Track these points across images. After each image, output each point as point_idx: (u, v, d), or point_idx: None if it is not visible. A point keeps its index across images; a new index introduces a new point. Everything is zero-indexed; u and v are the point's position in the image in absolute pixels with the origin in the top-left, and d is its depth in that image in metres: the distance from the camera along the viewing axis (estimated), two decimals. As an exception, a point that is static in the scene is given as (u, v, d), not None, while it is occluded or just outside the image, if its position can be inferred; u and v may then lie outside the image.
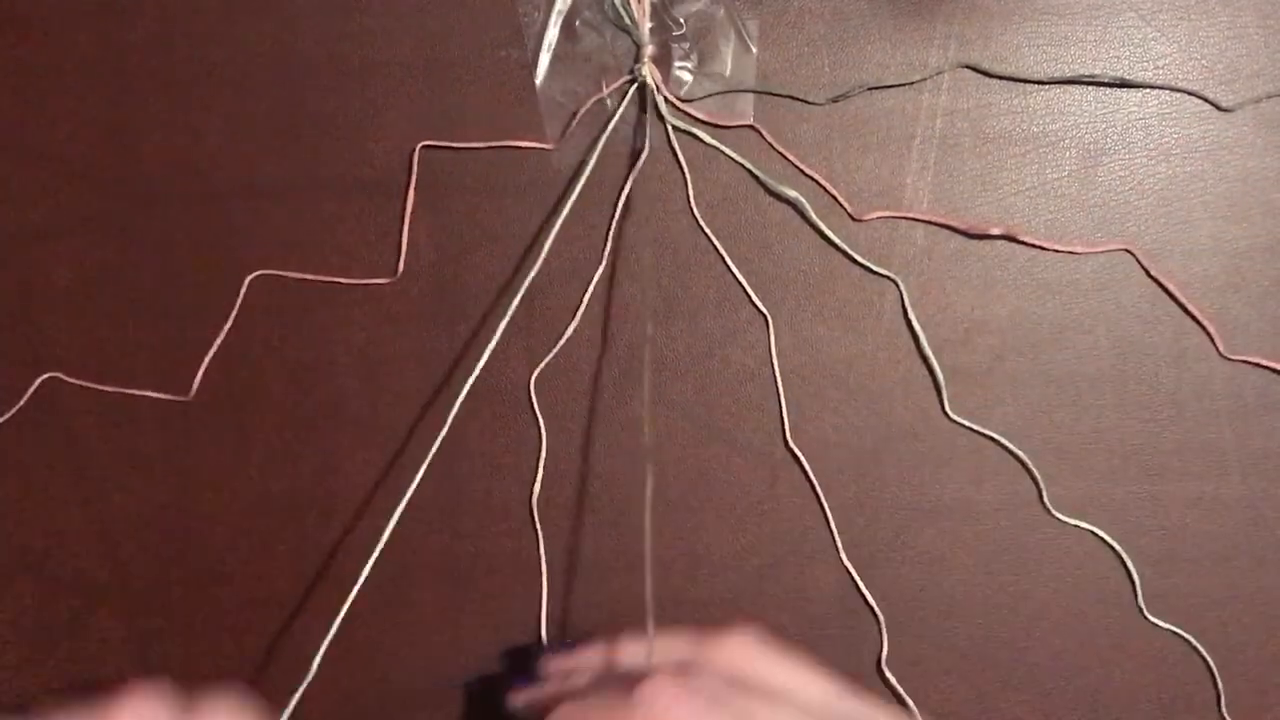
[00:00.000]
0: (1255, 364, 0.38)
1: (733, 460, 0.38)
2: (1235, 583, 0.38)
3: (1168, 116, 0.38)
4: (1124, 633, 0.38)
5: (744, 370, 0.38)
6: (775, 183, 0.38)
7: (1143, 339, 0.38)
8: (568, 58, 0.38)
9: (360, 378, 0.38)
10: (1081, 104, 0.38)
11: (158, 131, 0.39)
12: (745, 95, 0.38)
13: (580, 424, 0.38)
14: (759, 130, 0.38)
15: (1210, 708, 0.37)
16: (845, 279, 0.38)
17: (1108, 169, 0.38)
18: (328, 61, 0.39)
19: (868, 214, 0.38)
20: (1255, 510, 0.38)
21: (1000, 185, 0.38)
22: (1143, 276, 0.38)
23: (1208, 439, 0.38)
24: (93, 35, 0.39)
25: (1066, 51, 0.38)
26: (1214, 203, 0.38)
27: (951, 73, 0.38)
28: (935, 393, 0.38)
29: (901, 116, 0.38)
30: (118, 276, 0.39)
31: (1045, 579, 0.38)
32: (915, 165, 0.38)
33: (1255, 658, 0.37)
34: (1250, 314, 0.38)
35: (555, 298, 0.38)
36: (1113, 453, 0.38)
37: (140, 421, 0.38)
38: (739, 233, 0.38)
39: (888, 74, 0.38)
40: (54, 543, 0.38)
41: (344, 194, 0.39)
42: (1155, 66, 0.38)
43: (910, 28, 0.38)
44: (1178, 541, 0.38)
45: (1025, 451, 0.38)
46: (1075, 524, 0.38)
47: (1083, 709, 0.38)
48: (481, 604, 0.38)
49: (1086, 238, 0.38)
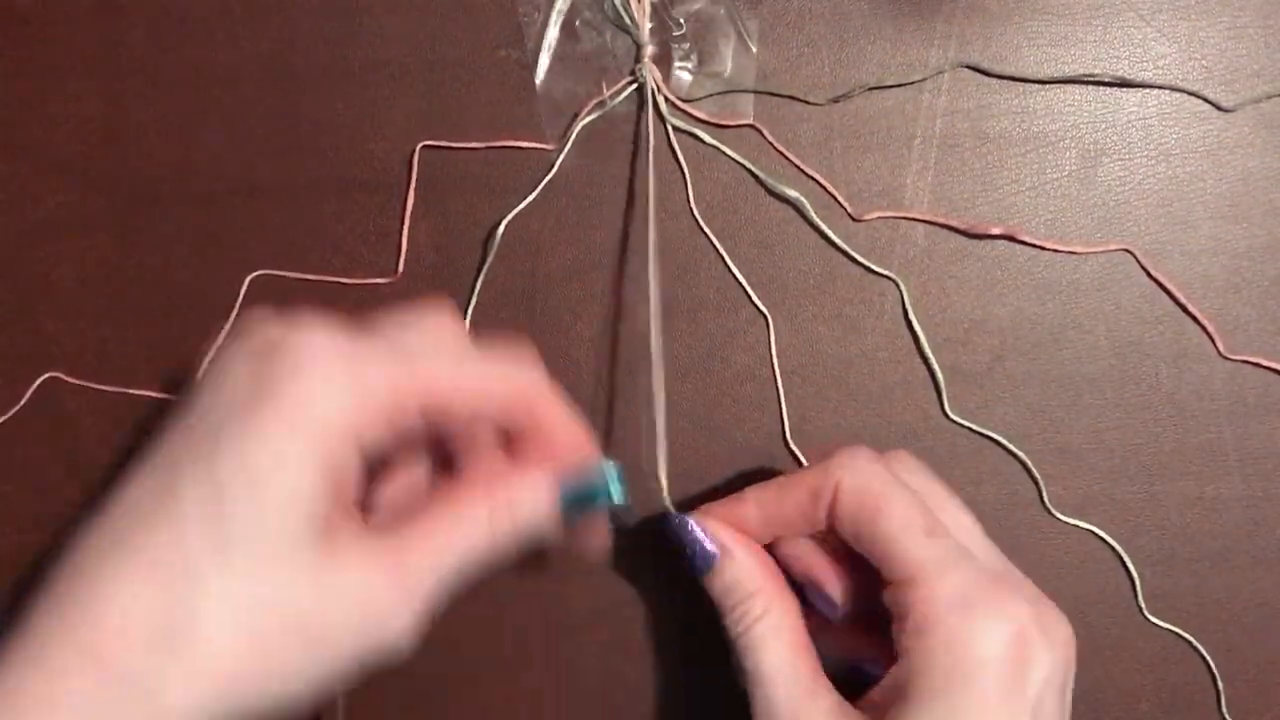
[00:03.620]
0: (1255, 364, 0.38)
1: (733, 460, 0.38)
2: (1235, 583, 0.38)
3: (1168, 116, 0.38)
4: (1124, 633, 0.38)
5: (744, 370, 0.38)
6: (775, 182, 0.38)
7: (1143, 339, 0.38)
8: (568, 58, 0.38)
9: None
10: (1081, 104, 0.38)
11: (157, 131, 0.39)
12: (745, 95, 0.38)
13: (580, 424, 0.38)
14: (759, 130, 0.38)
15: (1210, 708, 0.37)
16: (845, 279, 0.38)
17: (1108, 169, 0.38)
18: (328, 61, 0.39)
19: (868, 214, 0.38)
20: (1255, 510, 0.38)
21: (1000, 185, 0.38)
22: (1143, 276, 0.38)
23: (1208, 439, 0.38)
24: (93, 35, 0.39)
25: (1066, 51, 0.38)
26: (1214, 203, 0.38)
27: (951, 73, 0.38)
28: (935, 393, 0.38)
29: (901, 116, 0.38)
30: (118, 276, 0.38)
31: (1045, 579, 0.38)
32: (915, 165, 0.38)
33: (1255, 658, 0.37)
34: (1250, 314, 0.38)
35: (555, 298, 0.38)
36: (1113, 453, 0.38)
37: (140, 422, 0.38)
38: (739, 233, 0.38)
39: (888, 74, 0.38)
40: (54, 543, 0.38)
41: (344, 194, 0.39)
42: (1155, 66, 0.38)
43: (910, 28, 0.38)
44: (1178, 541, 0.38)
45: (1025, 451, 0.38)
46: (1075, 524, 0.38)
47: (1083, 709, 0.38)
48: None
49: (1086, 238, 0.38)
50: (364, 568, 0.27)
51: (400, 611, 0.27)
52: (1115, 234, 0.38)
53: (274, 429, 0.26)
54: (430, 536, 0.28)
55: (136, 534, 0.26)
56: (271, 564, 0.26)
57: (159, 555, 0.26)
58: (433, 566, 0.28)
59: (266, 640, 0.26)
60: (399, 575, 0.27)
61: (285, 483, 0.26)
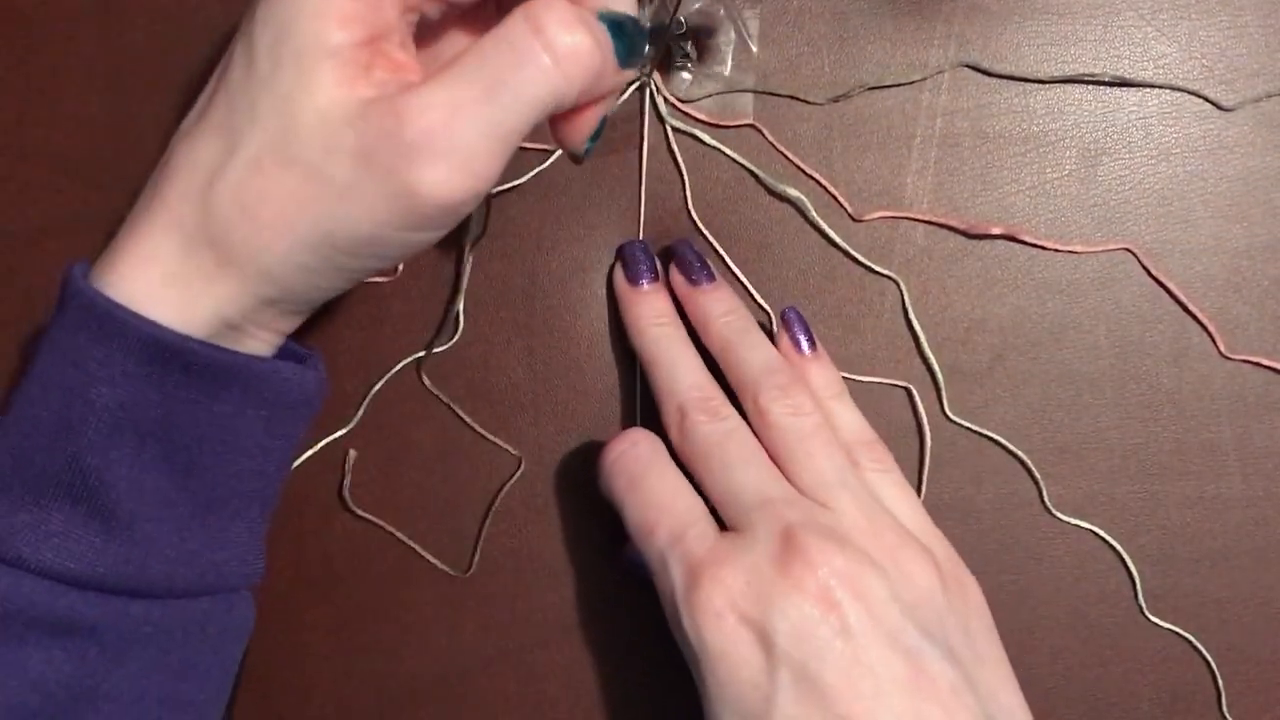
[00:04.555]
0: (1255, 364, 0.38)
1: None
2: (1235, 583, 0.38)
3: (1168, 116, 0.38)
4: (1124, 633, 0.38)
5: (744, 370, 0.38)
6: (776, 182, 0.38)
7: (1143, 339, 0.38)
8: (567, 58, 0.38)
9: (359, 378, 0.38)
10: (1081, 103, 0.38)
11: (158, 132, 0.39)
12: (745, 95, 0.38)
13: (579, 424, 0.38)
14: (760, 130, 0.38)
15: (1210, 708, 0.37)
16: (845, 279, 0.38)
17: (1108, 168, 0.38)
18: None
19: (868, 214, 0.38)
20: (1255, 510, 0.38)
21: (1000, 185, 0.38)
22: (1143, 276, 0.38)
23: (1208, 439, 0.38)
24: (93, 35, 0.39)
25: (1066, 51, 0.38)
26: (1214, 202, 0.38)
27: (951, 72, 0.38)
28: (935, 393, 0.38)
29: (901, 116, 0.38)
30: (118, 276, 0.39)
31: (1045, 579, 0.38)
32: (915, 165, 0.38)
33: (1255, 658, 0.37)
34: (1250, 314, 0.38)
35: (555, 298, 0.38)
36: (1113, 453, 0.38)
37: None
38: (739, 233, 0.38)
39: (888, 74, 0.38)
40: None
41: (344, 194, 0.39)
42: (1155, 66, 0.38)
43: (910, 28, 0.38)
44: (1178, 541, 0.38)
45: (1025, 451, 0.38)
46: (1075, 524, 0.38)
47: (1083, 709, 0.38)
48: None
49: (1087, 237, 0.38)
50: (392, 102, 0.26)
51: (440, 151, 0.26)
52: (1115, 233, 0.38)
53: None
54: (470, 69, 0.26)
55: (200, 117, 0.29)
56: (303, 100, 0.26)
57: (216, 120, 0.28)
58: (477, 98, 0.26)
59: (315, 165, 0.27)
60: (440, 113, 0.26)
61: (306, 30, 0.26)
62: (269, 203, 0.27)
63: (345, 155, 0.26)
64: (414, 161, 0.26)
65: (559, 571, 0.38)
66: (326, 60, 0.26)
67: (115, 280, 0.28)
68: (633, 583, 0.37)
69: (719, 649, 0.29)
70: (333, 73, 0.26)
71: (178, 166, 0.28)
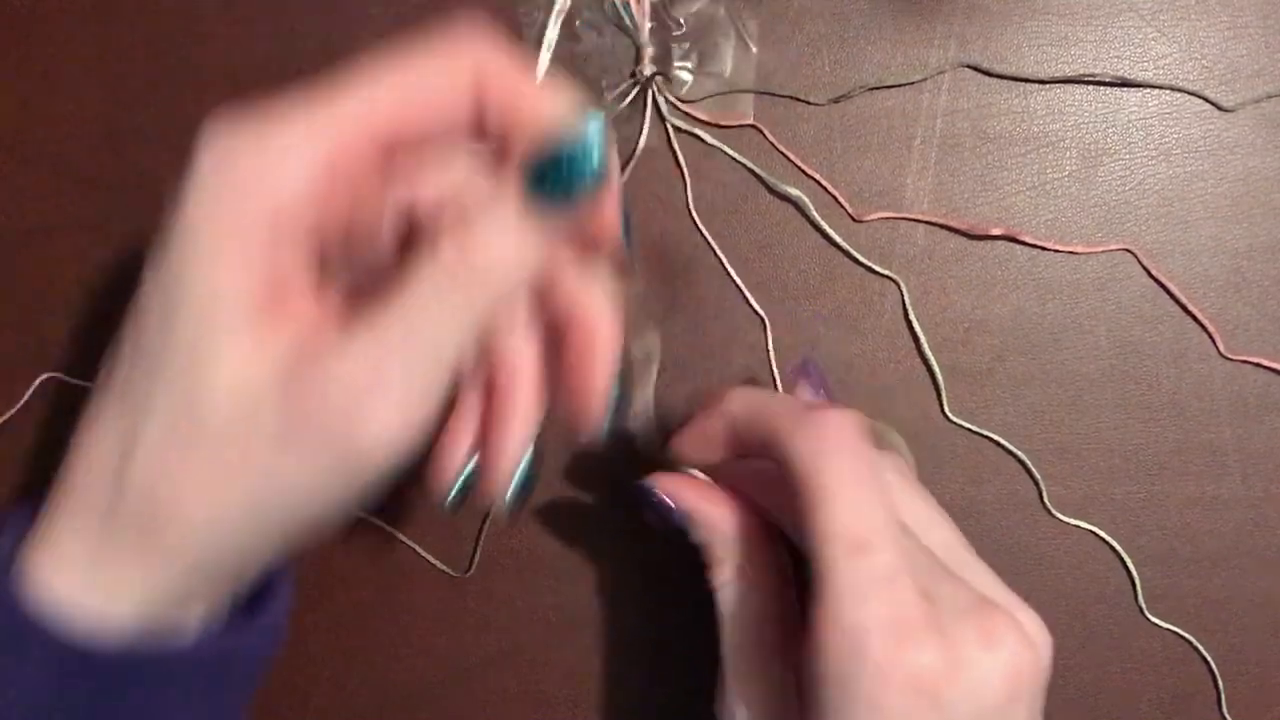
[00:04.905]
0: (1255, 364, 0.38)
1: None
2: (1235, 583, 0.37)
3: (1168, 116, 0.38)
4: (1124, 633, 0.38)
5: (744, 370, 0.38)
6: (776, 182, 0.38)
7: (1143, 339, 0.38)
8: (568, 58, 0.38)
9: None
10: (1082, 104, 0.38)
11: (157, 132, 0.39)
12: (745, 95, 0.38)
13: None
14: (760, 130, 0.38)
15: (1210, 708, 0.37)
16: (845, 279, 0.38)
17: (1108, 169, 0.38)
18: (328, 61, 0.39)
19: (868, 214, 0.38)
20: (1255, 510, 0.38)
21: (1000, 185, 0.38)
22: (1143, 276, 0.38)
23: (1208, 439, 0.38)
24: (93, 35, 0.39)
25: (1067, 51, 0.38)
26: (1215, 202, 0.38)
27: (951, 73, 0.38)
28: (935, 393, 0.38)
29: (902, 116, 0.38)
30: (118, 276, 0.38)
31: (1045, 579, 0.38)
32: (915, 165, 0.38)
33: (1255, 658, 0.37)
34: (1250, 314, 0.38)
35: (555, 298, 0.38)
36: (1113, 453, 0.38)
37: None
38: (739, 233, 0.38)
39: (888, 74, 0.38)
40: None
41: (344, 194, 0.39)
42: (1155, 66, 0.38)
43: (910, 28, 0.38)
44: (1178, 541, 0.38)
45: (1025, 451, 0.38)
46: (1075, 524, 0.38)
47: (1083, 709, 0.38)
48: (482, 604, 0.38)
49: (1087, 238, 0.38)
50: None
51: (370, 403, 0.24)
52: (1116, 234, 0.38)
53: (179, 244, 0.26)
54: (385, 312, 0.25)
55: (105, 383, 0.27)
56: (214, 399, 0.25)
57: (117, 393, 0.27)
58: (399, 343, 0.25)
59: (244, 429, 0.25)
60: (365, 370, 0.24)
61: (206, 293, 0.25)
62: (186, 485, 0.25)
63: (267, 439, 0.25)
64: (351, 422, 0.24)
65: (559, 571, 0.38)
66: (224, 336, 0.25)
67: (32, 571, 0.26)
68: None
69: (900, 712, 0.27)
70: (234, 350, 0.25)
71: (88, 445, 0.26)
